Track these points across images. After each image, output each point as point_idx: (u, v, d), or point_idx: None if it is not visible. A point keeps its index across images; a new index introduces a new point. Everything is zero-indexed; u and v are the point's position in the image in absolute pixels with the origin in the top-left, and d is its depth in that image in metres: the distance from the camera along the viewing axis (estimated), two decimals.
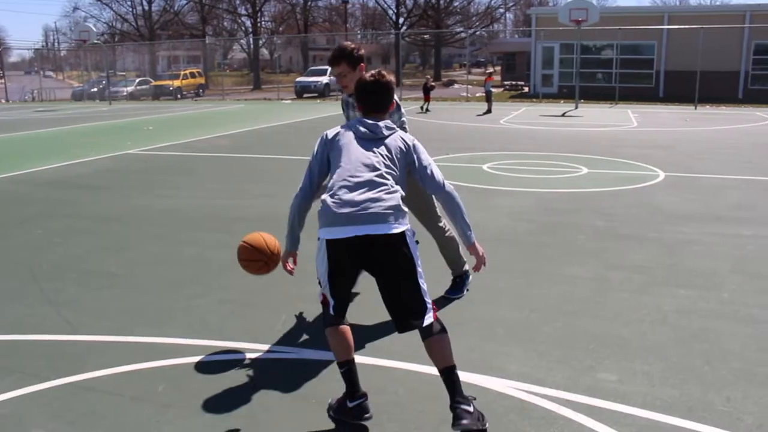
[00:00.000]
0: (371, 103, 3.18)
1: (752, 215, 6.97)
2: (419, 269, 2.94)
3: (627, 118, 19.35)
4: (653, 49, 30.53)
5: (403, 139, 3.15)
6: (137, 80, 39.78)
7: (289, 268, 3.37)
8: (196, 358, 3.67)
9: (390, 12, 54.56)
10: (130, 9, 53.67)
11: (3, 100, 37.55)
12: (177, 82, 38.05)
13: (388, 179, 2.97)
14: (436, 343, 2.92)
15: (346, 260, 2.92)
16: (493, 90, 23.56)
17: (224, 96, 37.18)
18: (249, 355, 3.72)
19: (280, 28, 58.89)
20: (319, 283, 3.06)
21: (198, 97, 38.21)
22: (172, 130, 17.60)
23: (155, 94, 37.54)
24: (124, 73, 49.08)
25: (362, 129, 3.09)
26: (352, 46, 3.87)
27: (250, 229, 6.50)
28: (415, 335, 2.97)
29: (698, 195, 8.02)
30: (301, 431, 2.96)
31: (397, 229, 2.88)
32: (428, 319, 2.92)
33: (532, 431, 2.92)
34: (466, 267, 4.59)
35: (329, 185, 3.00)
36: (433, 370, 3.46)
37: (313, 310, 4.35)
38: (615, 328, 4.00)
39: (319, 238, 2.97)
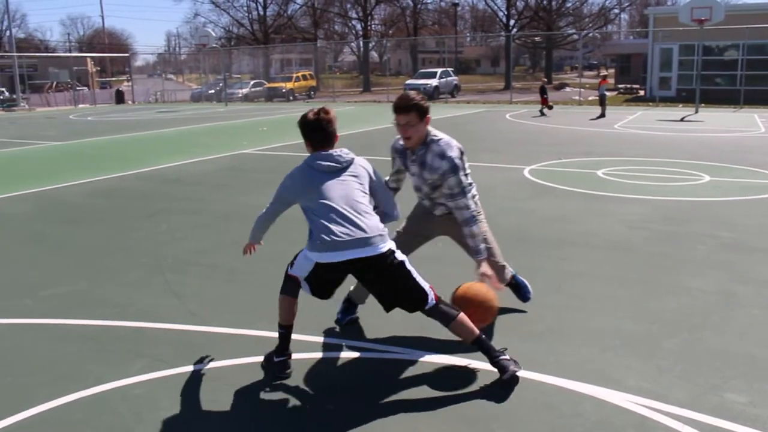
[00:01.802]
0: (319, 138, 3.46)
1: None
2: (410, 267, 3.40)
3: (753, 123, 18.27)
4: None
5: (362, 164, 3.54)
6: (252, 82, 41.24)
7: (248, 253, 3.97)
8: (313, 354, 3.77)
9: (500, 14, 53.94)
10: (246, 14, 55.75)
11: (130, 102, 39.91)
12: (289, 84, 39.15)
13: (362, 204, 3.36)
14: (458, 325, 3.37)
15: (332, 275, 3.40)
16: (607, 93, 22.81)
17: (335, 98, 37.90)
18: (366, 354, 3.78)
19: (390, 31, 59.47)
20: (291, 264, 3.56)
21: (309, 99, 39.15)
22: (285, 130, 18.13)
23: (268, 95, 38.78)
24: (239, 76, 50.98)
25: (325, 164, 3.39)
26: (421, 96, 3.77)
27: None
28: (525, 343, 2.92)
29: None
30: (410, 427, 2.98)
31: (384, 249, 3.29)
32: (431, 301, 3.38)
33: None
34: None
35: (315, 223, 3.34)
36: (548, 379, 3.41)
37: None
38: (744, 346, 3.79)
39: (306, 256, 3.38)
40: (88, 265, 5.64)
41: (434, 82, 35.36)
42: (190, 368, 3.61)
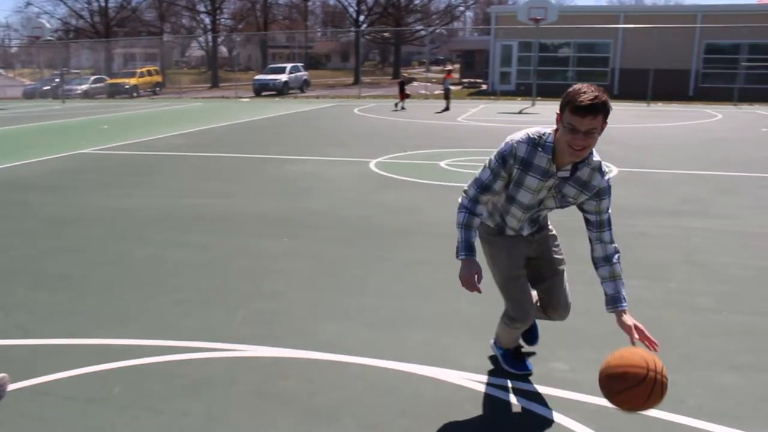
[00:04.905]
0: None
1: (700, 208, 7.18)
2: None
3: None
4: (609, 48, 31.11)
5: None
6: (92, 78, 38.99)
7: None
8: (153, 359, 3.64)
9: (351, 9, 54.50)
10: (86, 5, 52.52)
11: None
12: (133, 80, 37.44)
13: None
14: None
15: None
16: (452, 88, 23.70)
17: (181, 94, 36.72)
18: (206, 354, 3.71)
19: (240, 26, 58.33)
20: None
21: (155, 96, 37.67)
22: (128, 128, 17.33)
23: (111, 92, 36.85)
24: (78, 71, 48.06)
25: None
26: (604, 91, 2.65)
27: (204, 228, 6.50)
28: (369, 331, 2.99)
29: (649, 189, 8.22)
30: (259, 428, 2.97)
31: None
32: None
33: (487, 420, 2.99)
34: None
35: None
36: (391, 364, 3.52)
37: (269, 308, 4.36)
38: (568, 318, 4.08)
39: None
40: None
41: (284, 77, 35.19)
42: (17, 386, 3.33)
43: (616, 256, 2.96)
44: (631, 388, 2.45)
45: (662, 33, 26.50)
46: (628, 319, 2.83)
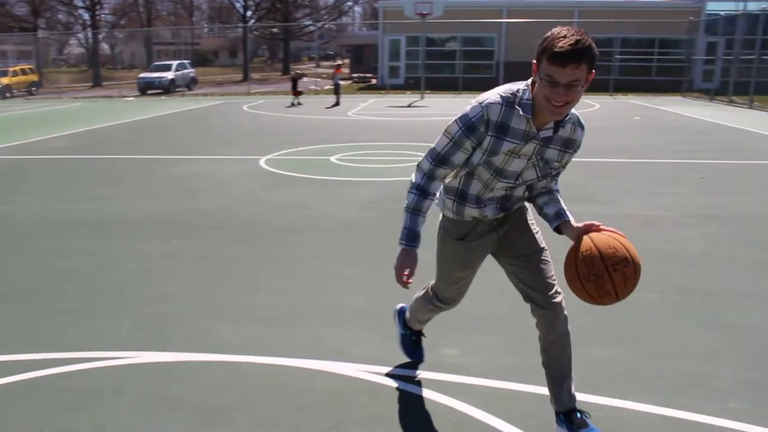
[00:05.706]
0: None
1: (581, 194, 7.56)
2: None
3: None
4: (494, 41, 32.08)
5: None
6: None
7: None
8: (34, 373, 3.46)
9: (238, 5, 53.51)
10: None
11: None
12: (5, 80, 35.17)
13: None
14: None
15: None
16: (342, 82, 23.75)
17: (61, 94, 34.96)
18: (93, 364, 3.57)
19: (122, 22, 56.05)
20: None
21: (31, 96, 35.59)
22: (1, 131, 16.32)
23: None
24: None
25: None
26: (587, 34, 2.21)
27: (89, 233, 6.23)
28: (261, 329, 2.97)
29: None
30: (116, 419, 2.89)
31: None
32: None
33: (382, 410, 3.03)
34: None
35: None
36: (283, 361, 3.51)
37: (159, 312, 4.24)
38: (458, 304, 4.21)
39: None
40: None
41: (170, 75, 34.11)
42: None
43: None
44: (596, 297, 2.58)
45: (543, 27, 27.34)
46: (577, 224, 2.67)
